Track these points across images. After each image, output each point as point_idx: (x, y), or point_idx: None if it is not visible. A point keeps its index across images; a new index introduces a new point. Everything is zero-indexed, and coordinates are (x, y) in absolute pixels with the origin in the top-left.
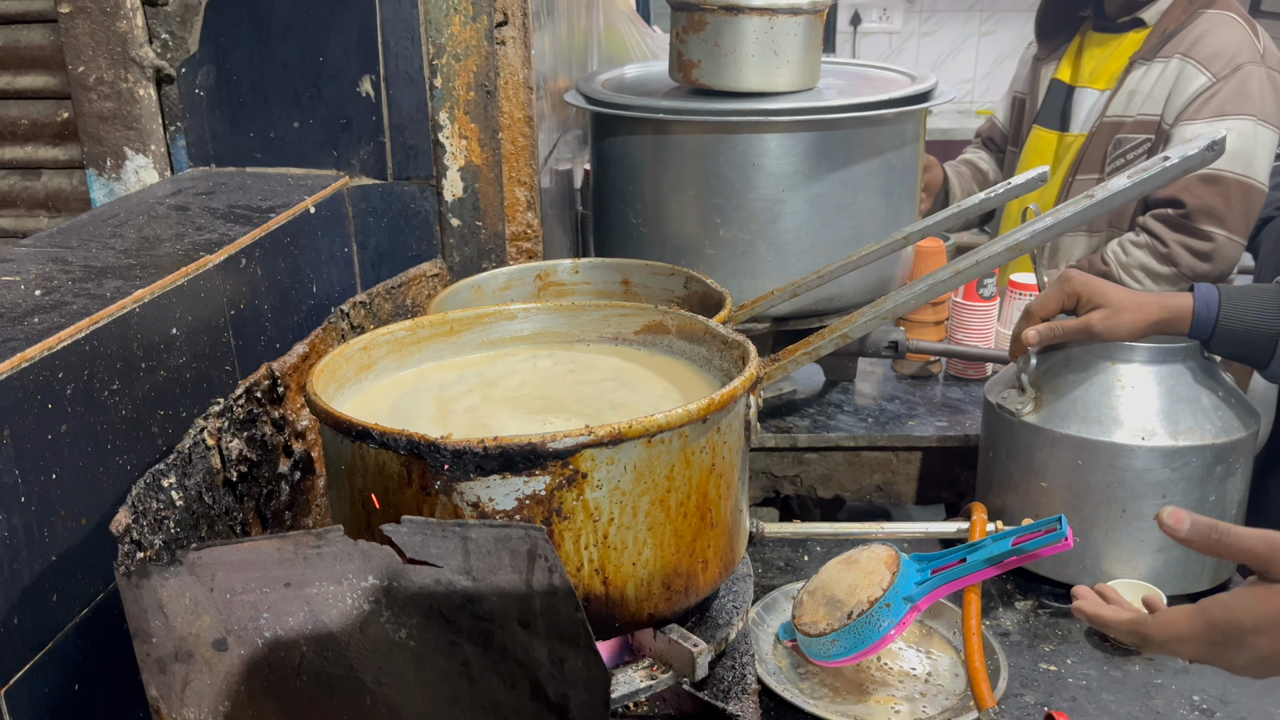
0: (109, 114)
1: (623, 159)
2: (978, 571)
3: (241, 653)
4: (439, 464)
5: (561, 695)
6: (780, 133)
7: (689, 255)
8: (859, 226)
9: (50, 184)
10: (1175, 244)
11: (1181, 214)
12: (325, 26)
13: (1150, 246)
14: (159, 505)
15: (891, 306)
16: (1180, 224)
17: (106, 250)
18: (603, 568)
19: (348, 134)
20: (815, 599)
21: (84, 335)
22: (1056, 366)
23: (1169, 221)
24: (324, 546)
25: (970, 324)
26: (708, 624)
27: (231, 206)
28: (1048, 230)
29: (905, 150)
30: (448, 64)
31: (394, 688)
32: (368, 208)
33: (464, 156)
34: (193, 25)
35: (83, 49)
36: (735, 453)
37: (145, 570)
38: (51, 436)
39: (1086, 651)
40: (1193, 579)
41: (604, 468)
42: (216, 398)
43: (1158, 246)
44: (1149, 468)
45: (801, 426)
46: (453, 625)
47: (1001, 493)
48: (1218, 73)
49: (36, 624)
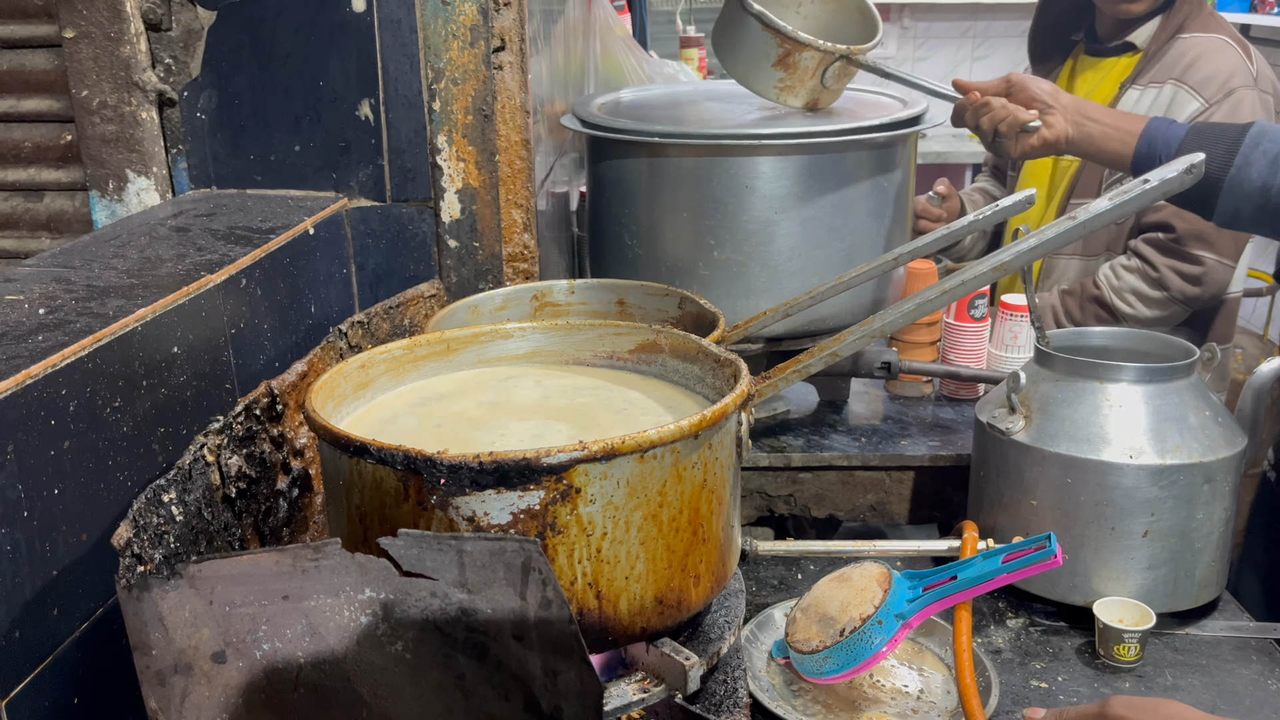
0: (112, 137)
1: (618, 182)
2: (969, 589)
3: (240, 665)
4: (435, 479)
5: (555, 707)
6: (773, 156)
7: (683, 276)
8: (851, 248)
9: (53, 206)
10: (1166, 268)
11: (1172, 238)
12: (325, 52)
13: (1141, 270)
14: (159, 520)
15: (880, 325)
16: (1170, 248)
17: (109, 270)
18: (596, 581)
19: (347, 157)
20: (808, 616)
21: (87, 353)
22: (1046, 386)
23: (1159, 245)
24: (322, 560)
25: (962, 345)
26: (700, 638)
27: (232, 228)
28: (1032, 250)
29: (896, 173)
30: (446, 88)
31: (390, 700)
32: (366, 229)
33: (461, 179)
34: (195, 50)
35: (86, 73)
36: (727, 469)
37: (146, 583)
38: (54, 453)
39: (1078, 669)
40: (1181, 597)
41: (597, 483)
42: (216, 415)
43: (1149, 270)
44: (1137, 486)
45: (795, 446)
46: (448, 638)
47: (993, 511)
48: (1210, 98)
49: (38, 637)
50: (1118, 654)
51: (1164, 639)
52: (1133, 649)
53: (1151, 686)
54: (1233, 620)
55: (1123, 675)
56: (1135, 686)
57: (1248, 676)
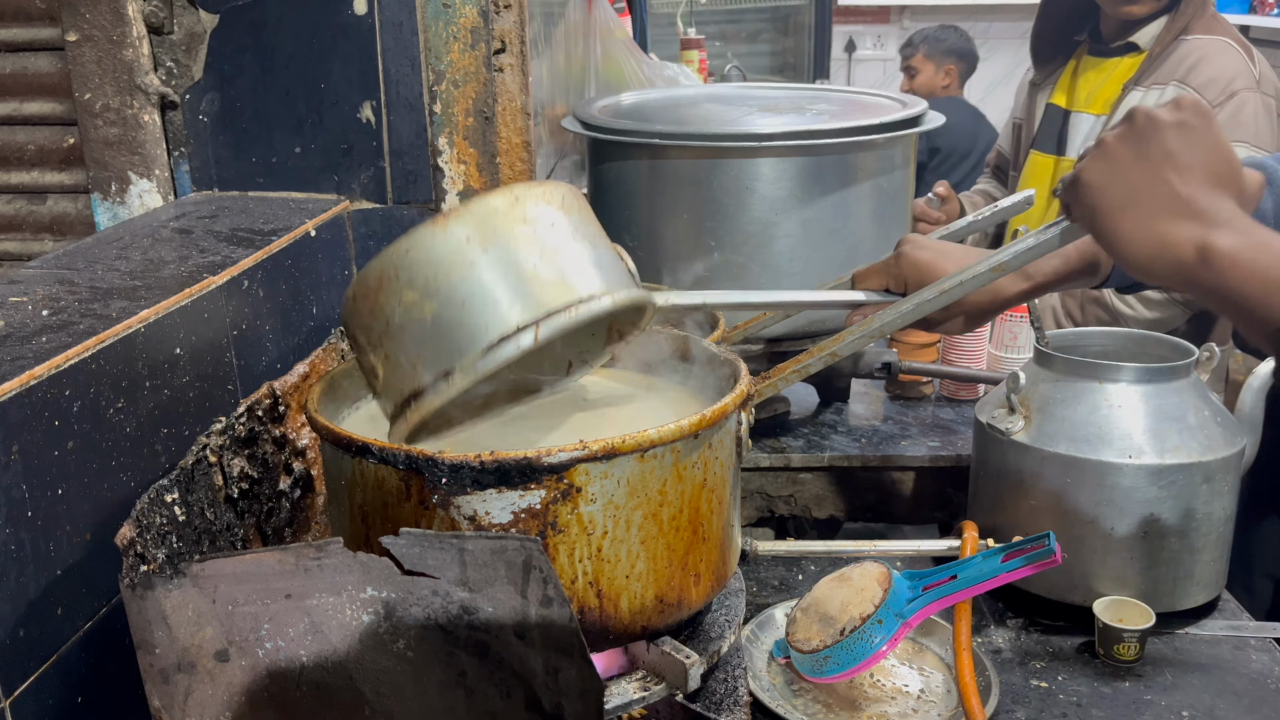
0: (114, 140)
1: (619, 183)
2: (968, 588)
3: (243, 664)
4: (437, 478)
5: (556, 705)
6: (772, 157)
7: (684, 277)
8: (850, 249)
9: (56, 208)
10: None
11: None
12: (327, 54)
13: None
14: (162, 520)
15: (879, 325)
16: None
17: (112, 272)
18: (596, 580)
19: (348, 159)
20: (808, 616)
21: (90, 354)
22: (1046, 386)
23: None
24: (324, 559)
25: (962, 345)
26: (700, 637)
27: (234, 229)
28: (1030, 251)
29: (896, 175)
30: (447, 90)
31: (392, 698)
32: (368, 231)
33: (462, 181)
34: (197, 53)
35: (89, 76)
36: (727, 468)
37: (150, 582)
38: (58, 453)
39: (1077, 669)
40: (1181, 597)
41: (598, 482)
42: (219, 416)
43: None
44: (1136, 486)
45: (795, 447)
46: (450, 636)
47: (992, 511)
48: (1213, 100)
49: (42, 636)
50: (1118, 653)
51: (1164, 638)
52: (1132, 648)
53: (1151, 686)
54: (1232, 620)
55: (1123, 675)
56: (1135, 686)
57: (1247, 676)
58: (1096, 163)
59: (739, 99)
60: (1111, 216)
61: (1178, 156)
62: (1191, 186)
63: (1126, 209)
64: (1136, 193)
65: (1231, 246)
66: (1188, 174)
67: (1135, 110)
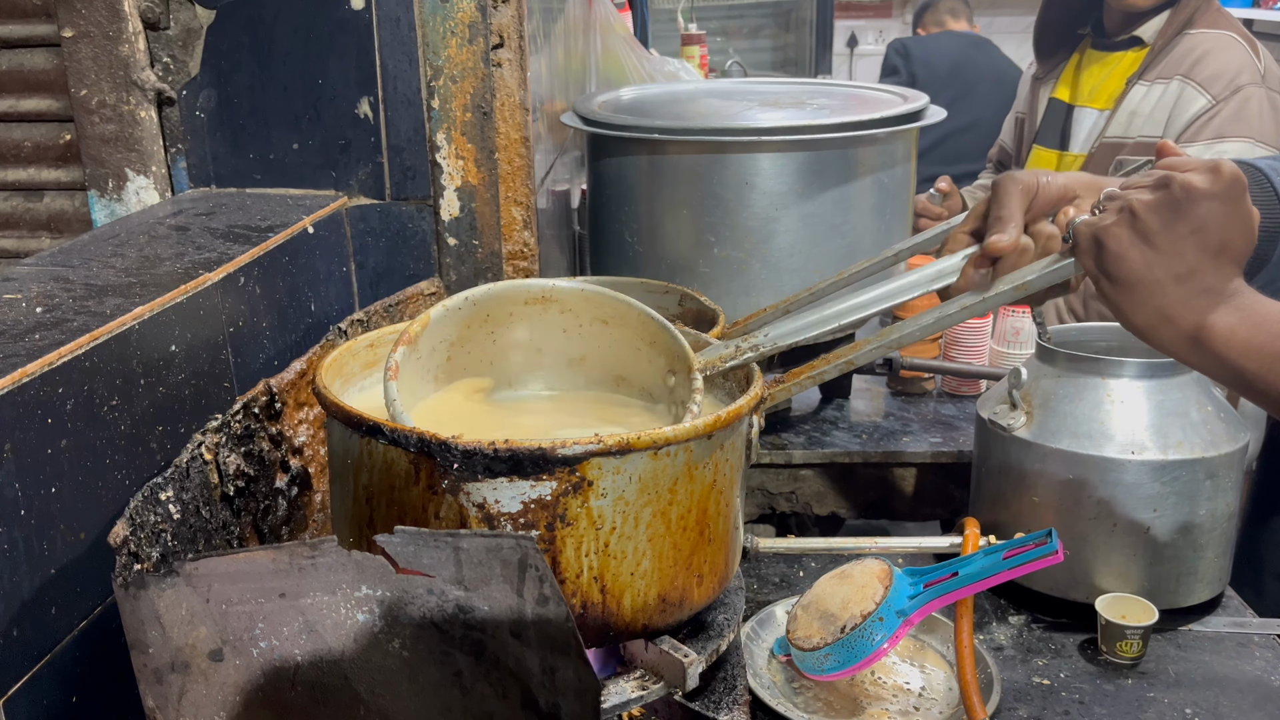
0: (111, 136)
1: (618, 179)
2: (970, 585)
3: (237, 663)
4: (449, 463)
5: (553, 705)
6: (773, 152)
7: (684, 273)
8: (851, 245)
9: (52, 205)
10: None
11: None
12: (324, 50)
13: None
14: (156, 519)
15: (898, 337)
16: None
17: (107, 269)
18: (601, 575)
19: (346, 155)
20: (809, 613)
21: (84, 352)
22: (1048, 382)
23: None
24: (319, 557)
25: (964, 341)
26: (699, 635)
27: (231, 226)
28: (1040, 278)
29: (897, 169)
30: (445, 86)
31: (387, 698)
32: (365, 227)
33: (461, 177)
34: (194, 49)
35: (85, 73)
36: (736, 470)
37: (143, 581)
38: (52, 451)
39: (1080, 666)
40: (1185, 593)
41: (610, 477)
42: (215, 414)
43: None
44: (1139, 482)
45: (797, 443)
46: (445, 635)
47: (994, 508)
48: (1217, 95)
49: (36, 636)
50: (1120, 650)
51: (1167, 635)
52: (1135, 645)
53: (1154, 683)
54: (1235, 616)
55: (1125, 672)
56: (1139, 683)
57: (1251, 673)
58: (1122, 230)
59: (739, 94)
60: (1120, 285)
61: (1207, 234)
62: (1205, 262)
63: (1137, 283)
64: (1153, 269)
65: (1228, 325)
66: (1206, 251)
67: (1172, 178)
